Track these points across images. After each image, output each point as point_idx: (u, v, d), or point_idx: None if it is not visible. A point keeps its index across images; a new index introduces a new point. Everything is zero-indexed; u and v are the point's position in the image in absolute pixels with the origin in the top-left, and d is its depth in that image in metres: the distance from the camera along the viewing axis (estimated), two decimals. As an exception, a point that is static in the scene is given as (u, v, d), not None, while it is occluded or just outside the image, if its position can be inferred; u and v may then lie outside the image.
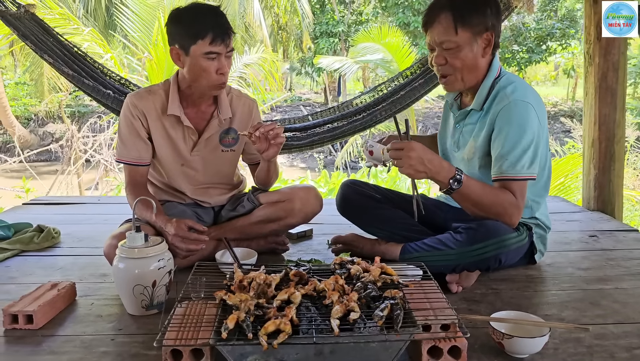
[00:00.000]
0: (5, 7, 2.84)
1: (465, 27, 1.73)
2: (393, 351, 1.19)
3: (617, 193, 2.93)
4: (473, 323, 1.46)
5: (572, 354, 1.35)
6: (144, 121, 1.98)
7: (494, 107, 1.78)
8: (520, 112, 1.73)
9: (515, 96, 1.74)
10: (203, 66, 1.85)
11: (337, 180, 6.18)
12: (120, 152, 2.01)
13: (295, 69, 20.32)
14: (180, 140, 2.02)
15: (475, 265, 1.78)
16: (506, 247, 1.76)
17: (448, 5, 1.74)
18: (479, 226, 1.74)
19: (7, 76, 15.40)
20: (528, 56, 16.08)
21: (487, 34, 1.77)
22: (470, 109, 1.88)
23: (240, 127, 2.08)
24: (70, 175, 7.45)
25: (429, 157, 1.62)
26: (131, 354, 1.37)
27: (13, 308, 1.51)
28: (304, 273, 1.42)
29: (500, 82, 1.81)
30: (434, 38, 1.78)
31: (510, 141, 1.73)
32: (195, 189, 2.13)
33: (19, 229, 2.38)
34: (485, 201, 1.73)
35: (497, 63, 1.84)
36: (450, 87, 1.87)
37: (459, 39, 1.74)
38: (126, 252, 1.54)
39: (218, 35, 1.82)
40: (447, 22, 1.73)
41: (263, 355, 1.16)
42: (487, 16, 1.75)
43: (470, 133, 1.89)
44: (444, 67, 1.80)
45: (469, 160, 1.90)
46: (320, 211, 2.17)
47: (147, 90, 2.04)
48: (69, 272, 2.00)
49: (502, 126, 1.75)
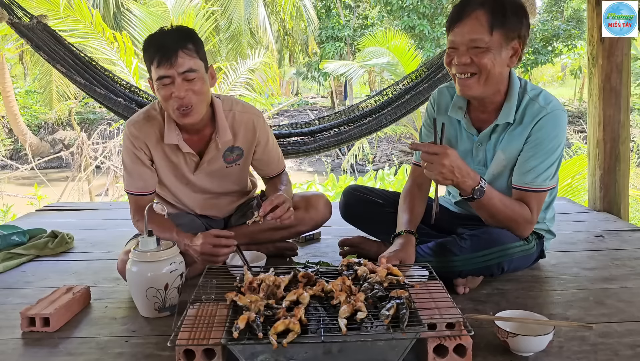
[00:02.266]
0: (19, 19, 2.92)
1: (501, 29, 1.63)
2: (400, 350, 1.22)
3: (623, 194, 2.94)
4: (479, 323, 1.49)
5: (576, 352, 1.37)
6: (145, 150, 1.92)
7: (528, 118, 1.72)
8: (559, 123, 1.71)
9: (552, 106, 1.71)
10: (161, 93, 1.74)
11: (344, 184, 6.22)
12: (127, 184, 1.97)
13: (301, 74, 20.39)
14: (182, 164, 1.97)
15: (479, 271, 1.78)
16: (509, 255, 1.76)
17: (487, 3, 1.63)
18: (483, 233, 1.75)
19: (17, 84, 15.60)
20: (534, 57, 16.05)
21: (517, 42, 1.67)
22: (496, 124, 1.78)
23: (245, 145, 2.00)
24: (81, 181, 7.54)
25: (459, 164, 1.59)
26: (145, 355, 1.40)
27: (30, 311, 1.55)
28: (312, 275, 1.46)
29: (529, 92, 1.75)
30: (463, 34, 1.65)
31: (544, 153, 1.71)
32: (204, 205, 2.10)
33: (34, 235, 2.43)
34: (502, 215, 1.73)
35: (515, 74, 1.77)
36: (468, 90, 1.71)
37: (492, 40, 1.63)
38: (139, 256, 1.58)
39: (163, 57, 1.67)
40: (484, 19, 1.62)
41: (273, 354, 1.19)
42: (522, 24, 1.67)
43: (494, 148, 1.81)
44: (467, 67, 1.67)
45: (497, 175, 1.84)
46: (330, 217, 2.21)
47: (145, 116, 1.93)
48: (83, 276, 2.05)
49: (538, 137, 1.71)
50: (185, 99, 1.72)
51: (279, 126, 3.42)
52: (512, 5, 1.65)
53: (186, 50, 1.70)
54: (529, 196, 1.74)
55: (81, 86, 2.97)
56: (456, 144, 1.90)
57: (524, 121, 1.73)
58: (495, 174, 1.83)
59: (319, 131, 3.23)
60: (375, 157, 13.14)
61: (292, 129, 3.31)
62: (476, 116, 1.84)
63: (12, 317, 1.62)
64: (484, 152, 1.85)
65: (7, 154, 13.02)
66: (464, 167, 1.61)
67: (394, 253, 1.72)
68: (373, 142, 13.59)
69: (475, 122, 1.84)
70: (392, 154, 13.24)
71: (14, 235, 2.33)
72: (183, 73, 1.69)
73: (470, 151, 1.87)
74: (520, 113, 1.74)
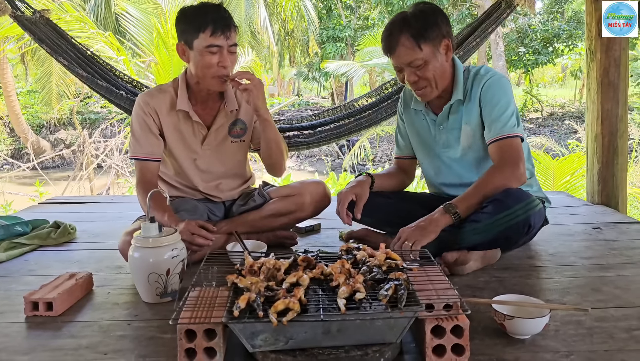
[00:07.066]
0: (22, 13, 2.95)
1: (427, 42, 1.86)
2: (398, 330, 1.24)
3: (621, 187, 2.96)
4: (476, 307, 1.50)
5: (572, 335, 1.39)
6: (155, 118, 2.05)
7: (475, 89, 1.96)
8: (500, 83, 1.94)
9: (491, 74, 1.97)
10: (205, 60, 1.91)
11: (344, 182, 6.24)
12: (134, 149, 2.06)
13: (302, 74, 20.44)
14: (191, 135, 2.09)
15: (505, 235, 1.80)
16: (533, 209, 1.78)
17: (405, 28, 1.86)
18: (504, 196, 1.77)
19: (19, 84, 15.65)
20: (535, 58, 16.07)
21: (445, 40, 1.90)
22: (450, 105, 2.00)
23: (247, 118, 2.16)
24: (83, 180, 7.57)
25: (418, 223, 1.78)
26: (147, 337, 1.43)
27: (34, 296, 1.57)
28: (311, 259, 1.48)
29: (471, 70, 2.00)
30: (400, 60, 1.90)
31: (498, 106, 1.91)
32: (207, 184, 2.18)
33: (37, 226, 2.45)
34: (490, 191, 1.80)
35: (457, 60, 2.01)
36: (427, 98, 1.99)
37: (424, 54, 1.87)
38: (141, 242, 1.60)
39: (218, 28, 1.87)
40: (409, 42, 1.86)
41: (273, 333, 1.21)
42: (440, 26, 1.88)
43: (458, 124, 2.02)
44: (417, 83, 1.93)
45: (470, 146, 2.02)
46: (329, 205, 2.23)
47: (157, 88, 2.12)
48: (85, 264, 2.07)
49: (488, 98, 1.93)
50: (228, 68, 1.94)
51: (279, 120, 3.44)
52: (425, 17, 1.87)
53: (235, 27, 1.94)
54: (505, 144, 1.88)
55: (83, 79, 3.00)
56: (422, 132, 2.15)
57: (473, 92, 1.97)
58: (466, 146, 2.03)
59: (318, 125, 3.26)
60: (375, 157, 13.16)
61: (292, 124, 3.33)
62: (433, 103, 2.08)
63: (16, 302, 1.64)
64: (445, 134, 2.07)
65: (9, 154, 13.05)
66: (422, 221, 1.78)
67: (350, 188, 2.03)
68: (374, 142, 13.61)
69: (434, 108, 2.09)
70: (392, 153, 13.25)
71: (17, 225, 2.35)
72: (230, 46, 1.92)
73: (434, 136, 2.10)
74: (469, 89, 1.98)
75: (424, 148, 2.16)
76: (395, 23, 1.90)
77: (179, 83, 2.06)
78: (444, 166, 2.11)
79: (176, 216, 1.89)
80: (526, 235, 1.89)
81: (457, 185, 2.07)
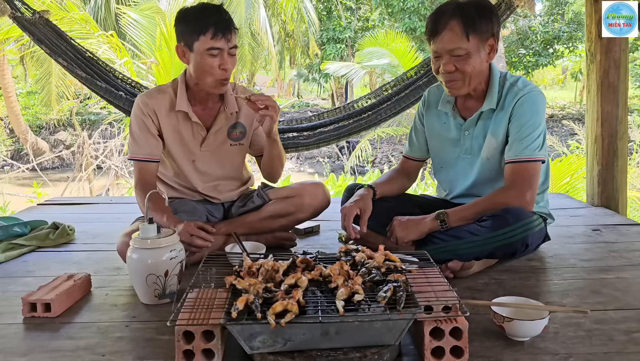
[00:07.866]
0: (21, 13, 2.94)
1: (476, 33, 1.79)
2: (397, 332, 1.23)
3: (621, 189, 2.95)
4: (475, 309, 1.50)
5: (571, 337, 1.39)
6: (154, 119, 2.04)
7: (509, 100, 1.88)
8: (535, 101, 1.87)
9: (528, 88, 1.88)
10: (206, 62, 1.91)
11: (344, 183, 6.24)
12: (133, 150, 2.05)
13: (302, 76, 20.44)
14: (190, 136, 2.09)
15: (502, 251, 1.81)
16: (531, 229, 1.79)
17: (458, 13, 1.78)
18: (504, 212, 1.77)
19: (18, 85, 15.65)
20: (535, 59, 16.08)
21: (492, 39, 1.84)
22: (481, 112, 1.94)
23: (247, 122, 2.16)
24: (82, 181, 7.56)
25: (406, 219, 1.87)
26: (145, 339, 1.42)
27: (32, 297, 1.57)
28: (310, 260, 1.47)
29: (509, 79, 1.93)
30: (443, 45, 1.82)
31: (527, 125, 1.84)
32: (206, 185, 2.18)
33: (35, 227, 2.45)
34: (487, 208, 1.82)
35: (494, 65, 1.94)
36: (456, 92, 1.92)
37: (469, 46, 1.79)
38: (139, 243, 1.59)
39: (219, 31, 1.87)
40: (459, 29, 1.78)
41: (271, 335, 1.21)
42: (493, 23, 1.82)
43: (484, 133, 1.95)
44: (452, 74, 1.85)
45: (488, 158, 1.96)
46: (328, 207, 2.23)
47: (156, 89, 2.11)
48: (84, 266, 2.06)
49: (519, 114, 1.86)
50: (228, 71, 1.94)
51: (279, 121, 3.43)
52: (481, 9, 1.81)
53: (235, 30, 1.94)
54: (520, 168, 1.84)
55: (82, 80, 3.00)
56: (445, 135, 2.07)
57: (506, 103, 1.90)
58: (487, 157, 1.96)
59: (318, 126, 3.25)
60: (375, 158, 13.16)
61: (291, 125, 3.33)
62: (463, 107, 2.02)
63: (13, 303, 1.63)
64: (470, 140, 2.00)
65: (9, 154, 13.04)
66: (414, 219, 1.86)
67: (354, 202, 1.99)
68: (375, 144, 13.61)
69: (463, 112, 2.02)
70: (392, 155, 13.26)
71: (15, 226, 2.35)
72: (231, 49, 1.93)
73: (458, 140, 2.04)
74: (502, 98, 1.91)
75: (445, 151, 2.10)
76: (448, 5, 1.82)
77: (179, 84, 2.05)
78: (461, 172, 2.07)
79: (175, 217, 1.89)
80: (522, 253, 1.90)
81: (466, 195, 2.05)
